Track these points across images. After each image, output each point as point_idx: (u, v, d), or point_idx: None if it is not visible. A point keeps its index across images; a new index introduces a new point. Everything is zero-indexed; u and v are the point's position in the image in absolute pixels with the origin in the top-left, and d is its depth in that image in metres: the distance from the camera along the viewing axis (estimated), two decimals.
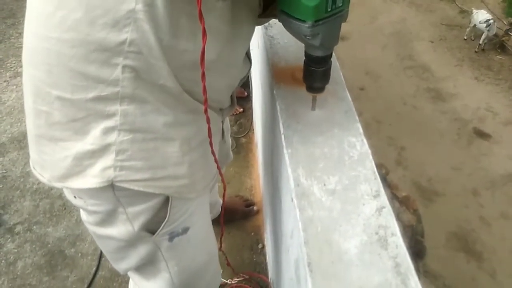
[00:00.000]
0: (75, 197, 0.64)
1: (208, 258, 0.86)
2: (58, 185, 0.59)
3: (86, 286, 1.41)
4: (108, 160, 0.54)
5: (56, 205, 1.68)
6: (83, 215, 0.68)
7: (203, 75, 0.50)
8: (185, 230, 0.71)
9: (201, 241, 0.80)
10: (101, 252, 1.49)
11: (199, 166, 0.65)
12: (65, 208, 1.67)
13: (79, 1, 0.46)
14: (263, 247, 1.51)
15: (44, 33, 0.50)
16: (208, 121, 0.57)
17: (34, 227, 1.61)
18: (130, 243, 0.67)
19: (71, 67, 0.50)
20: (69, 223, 1.62)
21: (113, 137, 0.53)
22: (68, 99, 0.52)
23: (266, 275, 1.41)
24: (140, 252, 0.69)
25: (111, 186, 0.57)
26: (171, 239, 0.70)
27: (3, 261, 1.51)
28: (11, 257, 1.51)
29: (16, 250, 1.54)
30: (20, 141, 1.98)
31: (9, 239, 1.57)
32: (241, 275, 1.40)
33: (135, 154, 0.55)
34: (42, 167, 0.61)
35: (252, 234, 1.56)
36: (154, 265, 0.74)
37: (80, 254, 1.52)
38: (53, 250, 1.53)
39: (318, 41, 0.55)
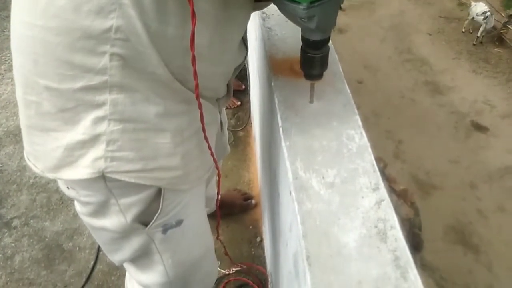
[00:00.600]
0: (68, 188, 0.63)
1: (204, 252, 0.85)
2: (51, 176, 0.59)
3: (84, 280, 1.41)
4: (99, 150, 0.54)
5: (53, 199, 1.68)
6: (77, 206, 0.68)
7: (194, 58, 0.49)
8: (179, 223, 0.71)
9: (196, 234, 0.79)
10: (99, 246, 1.49)
11: (193, 157, 0.64)
12: (62, 202, 1.67)
13: None
14: (262, 240, 1.52)
15: (29, 21, 0.49)
16: (200, 107, 0.56)
17: (31, 221, 1.61)
18: (124, 234, 0.67)
19: (57, 56, 0.49)
20: (67, 217, 1.61)
21: (103, 127, 0.52)
22: (56, 89, 0.51)
23: (265, 268, 1.41)
24: (133, 244, 0.69)
25: (103, 177, 0.56)
26: (164, 231, 0.69)
27: (0, 255, 1.50)
28: (9, 251, 1.51)
29: (13, 244, 1.53)
30: (16, 135, 1.96)
31: (6, 233, 1.57)
32: (239, 265, 1.40)
33: (125, 145, 0.54)
34: (36, 157, 0.60)
35: (251, 227, 1.56)
36: (148, 257, 0.73)
37: (78, 248, 1.51)
38: (51, 244, 1.53)
39: (314, 24, 0.52)
